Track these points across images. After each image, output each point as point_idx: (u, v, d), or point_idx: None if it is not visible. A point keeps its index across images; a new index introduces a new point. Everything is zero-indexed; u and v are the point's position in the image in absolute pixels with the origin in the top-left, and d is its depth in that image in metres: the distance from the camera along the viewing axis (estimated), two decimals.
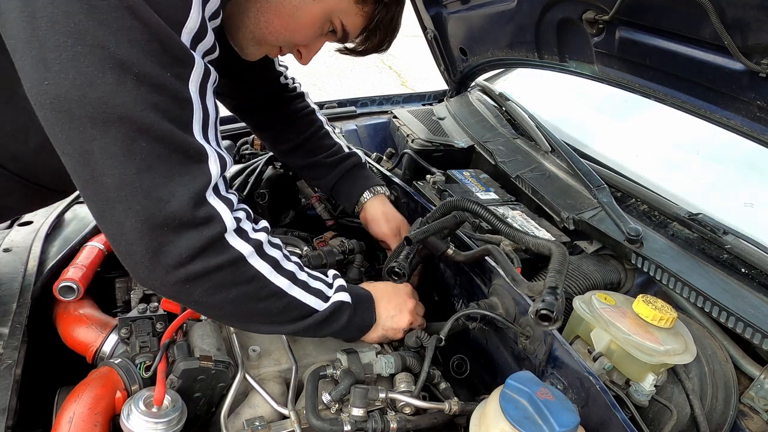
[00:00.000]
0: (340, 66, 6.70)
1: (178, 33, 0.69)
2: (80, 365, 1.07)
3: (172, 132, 0.70)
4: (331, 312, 0.98)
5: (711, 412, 1.11)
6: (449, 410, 0.99)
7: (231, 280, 0.81)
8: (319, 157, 1.46)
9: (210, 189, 0.76)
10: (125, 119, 0.67)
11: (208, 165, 0.76)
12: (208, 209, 0.76)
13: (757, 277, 1.20)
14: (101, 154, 0.68)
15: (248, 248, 0.82)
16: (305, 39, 1.01)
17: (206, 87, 0.76)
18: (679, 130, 1.78)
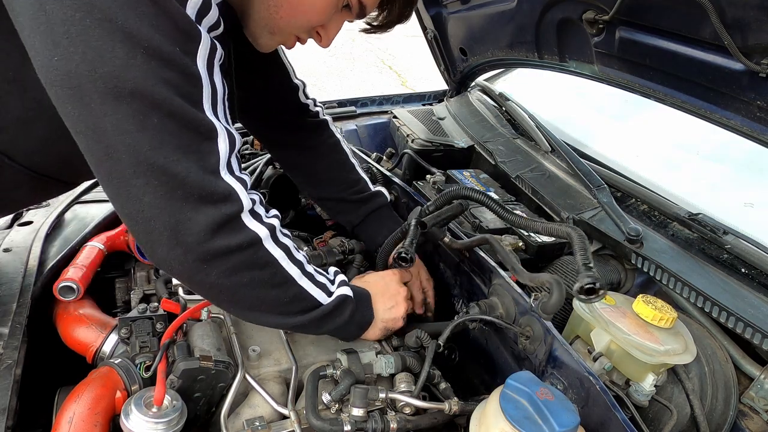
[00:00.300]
0: (340, 66, 6.70)
1: (184, 5, 0.69)
2: (80, 365, 1.07)
3: (183, 108, 0.70)
4: (334, 306, 0.98)
5: (711, 412, 1.11)
6: (449, 410, 0.99)
7: (247, 262, 0.81)
8: (342, 194, 1.40)
9: (223, 166, 0.76)
10: (137, 94, 0.66)
11: (217, 142, 0.75)
12: (225, 186, 0.75)
13: (757, 277, 1.20)
14: (114, 131, 0.67)
15: (264, 231, 0.82)
16: (319, 20, 0.95)
17: (213, 63, 0.75)
18: (679, 130, 1.79)
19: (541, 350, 1.03)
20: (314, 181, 1.44)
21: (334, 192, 1.41)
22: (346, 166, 1.42)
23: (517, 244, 1.38)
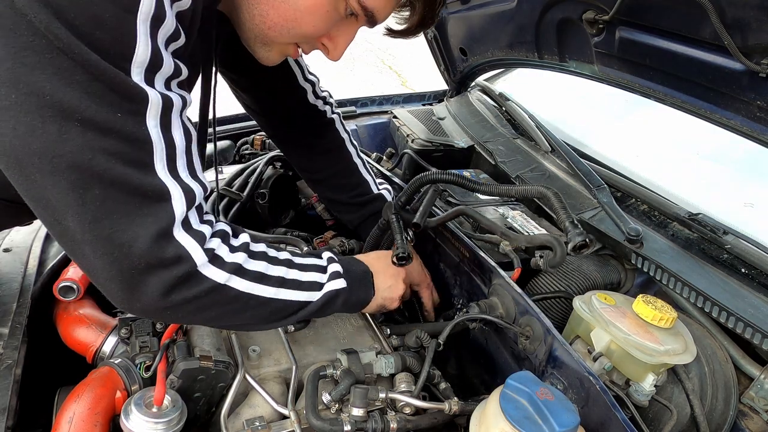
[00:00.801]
0: (340, 66, 6.70)
1: (126, 68, 0.64)
2: (80, 365, 1.07)
3: (126, 175, 0.67)
4: (324, 302, 0.96)
5: (711, 412, 1.11)
6: (449, 410, 0.99)
7: (213, 302, 0.81)
8: (344, 196, 1.41)
9: (177, 226, 0.73)
10: (74, 168, 0.64)
11: (171, 203, 0.72)
12: (175, 248, 0.73)
13: (757, 277, 1.20)
14: (58, 202, 0.66)
15: (225, 275, 0.80)
16: (315, 28, 0.87)
17: (170, 118, 0.72)
18: (679, 130, 1.79)
19: (541, 350, 1.03)
20: (317, 180, 1.45)
21: (335, 193, 1.43)
22: (349, 168, 1.41)
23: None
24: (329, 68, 1.77)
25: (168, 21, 0.67)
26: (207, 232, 0.79)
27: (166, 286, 0.74)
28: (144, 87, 0.67)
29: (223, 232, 0.84)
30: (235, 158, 1.96)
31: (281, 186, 1.69)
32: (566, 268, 1.37)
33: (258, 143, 1.94)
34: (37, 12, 0.57)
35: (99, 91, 0.63)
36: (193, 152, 0.78)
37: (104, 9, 0.60)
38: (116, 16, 0.61)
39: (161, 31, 0.67)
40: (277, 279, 0.89)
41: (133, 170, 0.68)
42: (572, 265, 1.38)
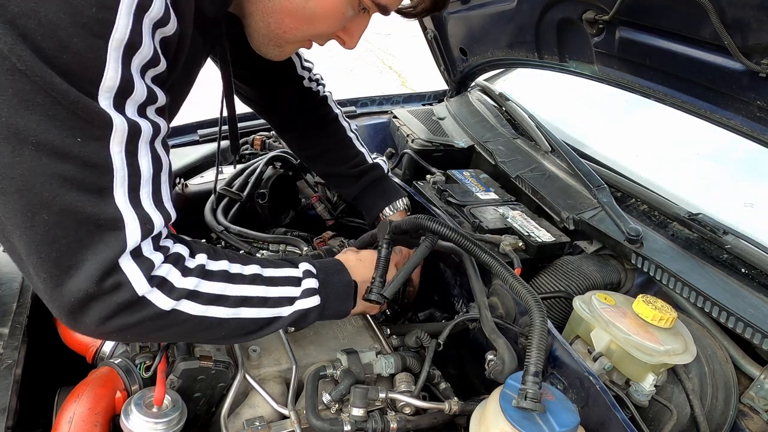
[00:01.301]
0: (340, 66, 6.69)
1: (93, 93, 0.63)
2: (80, 365, 1.07)
3: (78, 203, 0.66)
4: (295, 318, 0.93)
5: (711, 412, 1.11)
6: (449, 410, 0.99)
7: (160, 326, 0.79)
8: (341, 168, 1.43)
9: (126, 255, 0.72)
10: (23, 192, 0.63)
11: (124, 232, 0.70)
12: (117, 277, 0.71)
13: (757, 277, 1.20)
14: (6, 221, 0.66)
15: (171, 302, 0.77)
16: (330, 28, 0.90)
17: (137, 144, 0.70)
18: (679, 130, 1.79)
19: None
20: (314, 157, 1.48)
21: (333, 167, 1.45)
22: (344, 141, 1.45)
23: (516, 244, 1.38)
24: (329, 68, 1.78)
25: (144, 48, 0.66)
26: (157, 260, 0.76)
27: (105, 313, 0.72)
28: (109, 112, 0.65)
29: (177, 256, 0.80)
30: (235, 158, 1.96)
31: (281, 186, 1.69)
32: (566, 268, 1.37)
33: (258, 143, 1.94)
34: (2, 34, 0.57)
35: (60, 114, 0.62)
36: (162, 180, 0.76)
37: (73, 33, 0.59)
38: (85, 41, 0.60)
39: (136, 59, 0.66)
40: (237, 299, 0.85)
41: (88, 197, 0.67)
42: (572, 265, 1.38)
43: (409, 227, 1.11)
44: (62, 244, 0.67)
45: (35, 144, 0.62)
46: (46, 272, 0.68)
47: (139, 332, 0.78)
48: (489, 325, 1.02)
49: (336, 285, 1.00)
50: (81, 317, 0.72)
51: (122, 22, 0.62)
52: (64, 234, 0.67)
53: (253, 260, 0.91)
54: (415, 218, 1.10)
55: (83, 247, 0.68)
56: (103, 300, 0.71)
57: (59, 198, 0.65)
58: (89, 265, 0.69)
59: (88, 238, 0.68)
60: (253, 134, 1.99)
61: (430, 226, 1.06)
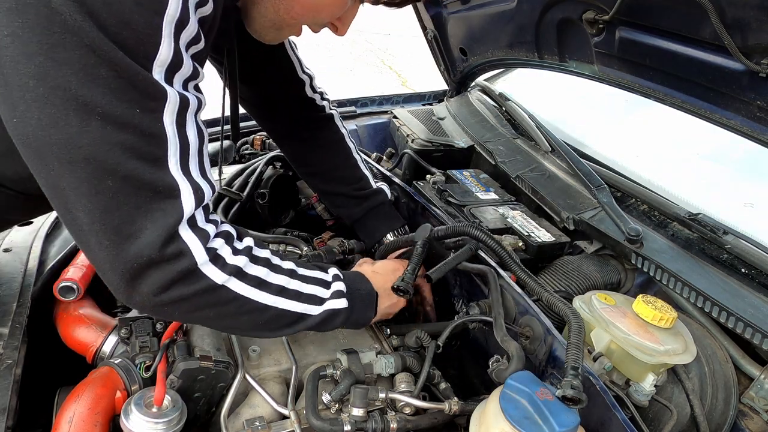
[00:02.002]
0: (340, 66, 6.70)
1: (148, 66, 0.68)
2: (80, 365, 1.07)
3: (139, 170, 0.70)
4: (323, 318, 0.96)
5: (711, 412, 1.11)
6: (449, 410, 0.99)
7: (209, 302, 0.82)
8: (344, 189, 1.42)
9: (183, 223, 0.75)
10: (90, 160, 0.67)
11: (180, 200, 0.74)
12: (179, 245, 0.75)
13: (757, 277, 1.20)
14: (71, 191, 0.69)
15: (224, 276, 0.81)
16: (332, 16, 0.95)
17: (185, 117, 0.74)
18: (679, 130, 1.79)
19: (541, 350, 1.03)
20: (317, 174, 1.46)
21: (335, 187, 1.43)
22: (349, 162, 1.43)
23: (517, 244, 1.38)
24: (329, 68, 1.78)
25: (191, 25, 0.71)
26: (211, 232, 0.80)
27: (164, 281, 0.75)
28: (164, 85, 0.69)
29: (227, 234, 0.85)
30: (234, 158, 1.96)
31: (281, 186, 1.69)
32: (566, 268, 1.37)
33: (258, 143, 1.94)
34: (72, 11, 0.60)
35: (121, 86, 0.66)
36: (204, 153, 0.80)
37: (134, 11, 0.63)
38: (144, 18, 0.64)
39: (184, 34, 0.70)
40: (277, 287, 0.90)
41: (147, 165, 0.70)
42: (572, 265, 1.38)
43: (451, 233, 1.18)
44: (124, 211, 0.70)
45: (101, 114, 0.65)
46: (108, 239, 0.71)
47: (190, 307, 0.80)
48: (502, 330, 1.04)
49: (361, 292, 1.05)
50: (139, 285, 0.74)
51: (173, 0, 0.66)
52: (126, 201, 0.70)
53: (288, 257, 0.96)
54: (458, 225, 1.17)
55: (144, 213, 0.72)
56: (163, 267, 0.74)
57: (123, 165, 0.68)
58: (150, 231, 0.72)
59: (148, 205, 0.72)
60: (253, 134, 1.99)
61: (474, 233, 1.15)
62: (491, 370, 1.01)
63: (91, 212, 0.69)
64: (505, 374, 0.96)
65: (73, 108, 0.64)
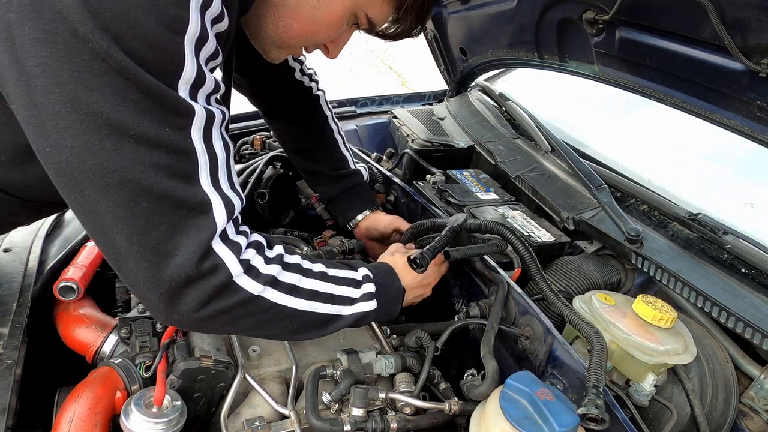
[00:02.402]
0: (339, 66, 6.70)
1: (174, 85, 0.69)
2: (80, 365, 1.07)
3: (173, 188, 0.71)
4: (355, 320, 0.98)
5: (711, 412, 1.11)
6: (449, 410, 0.99)
7: (246, 313, 0.83)
8: (323, 168, 1.47)
9: (216, 237, 0.77)
10: (125, 182, 0.68)
11: (212, 214, 0.76)
12: (213, 260, 0.76)
13: (757, 277, 1.20)
14: (107, 215, 0.70)
15: (259, 287, 0.83)
16: (328, 38, 0.98)
17: (211, 131, 0.76)
18: (679, 130, 1.79)
19: (541, 350, 1.03)
20: (299, 152, 1.51)
21: (315, 166, 1.49)
22: (330, 142, 1.49)
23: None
24: (329, 68, 1.78)
25: (210, 42, 0.72)
26: (243, 243, 0.81)
27: (203, 297, 0.76)
28: (190, 102, 0.71)
29: (258, 243, 0.86)
30: (234, 158, 1.96)
31: (281, 186, 1.69)
32: (566, 268, 1.37)
33: (258, 143, 1.94)
34: (98, 38, 0.61)
35: (150, 107, 0.67)
36: (231, 165, 0.81)
37: (157, 32, 0.65)
38: (167, 39, 0.66)
39: (204, 51, 0.72)
40: (310, 291, 0.91)
41: (180, 182, 0.72)
42: (572, 265, 1.38)
43: (483, 228, 1.19)
44: (161, 230, 0.72)
45: (133, 136, 0.67)
46: (146, 260, 0.72)
47: (228, 319, 0.81)
48: (488, 346, 1.03)
49: (390, 290, 1.06)
50: (178, 304, 0.76)
51: (193, 18, 0.67)
52: (161, 220, 0.71)
53: (317, 260, 0.98)
54: (493, 222, 1.18)
55: (180, 231, 0.73)
56: (201, 284, 0.76)
57: (157, 185, 0.69)
58: (186, 249, 0.73)
59: (183, 222, 0.73)
60: (253, 134, 1.99)
61: (507, 234, 1.15)
62: (463, 383, 1.01)
63: (129, 235, 0.70)
64: (476, 392, 0.96)
65: (106, 132, 0.65)
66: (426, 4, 0.99)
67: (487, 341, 1.04)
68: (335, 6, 0.90)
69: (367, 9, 0.93)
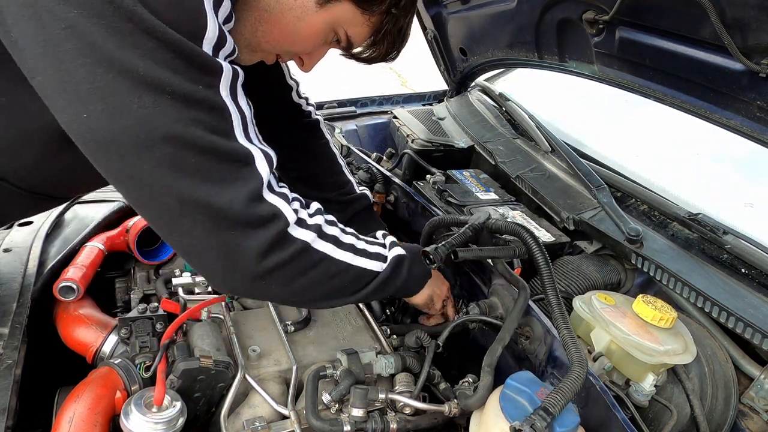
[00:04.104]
0: (339, 66, 6.68)
1: (200, 44, 0.70)
2: (80, 365, 1.07)
3: (216, 142, 0.71)
4: (392, 269, 1.00)
5: (711, 412, 1.11)
6: (449, 412, 0.99)
7: (302, 267, 0.84)
8: (331, 194, 1.45)
9: (264, 188, 0.78)
10: (168, 138, 0.68)
11: (256, 166, 0.77)
12: (269, 207, 0.78)
13: (757, 277, 1.20)
14: (153, 177, 0.69)
15: (311, 235, 0.85)
16: (305, 50, 0.99)
17: (236, 88, 0.76)
18: (679, 130, 1.79)
19: (541, 350, 1.03)
20: (303, 179, 1.48)
21: (321, 192, 1.45)
22: (334, 167, 1.46)
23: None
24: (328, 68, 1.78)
25: (225, 2, 0.73)
26: (288, 194, 0.83)
27: (264, 246, 0.77)
28: (217, 59, 0.72)
29: (299, 199, 0.88)
30: None
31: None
32: (566, 268, 1.37)
33: None
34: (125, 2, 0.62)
35: (181, 66, 0.67)
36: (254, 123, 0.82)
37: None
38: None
39: (221, 11, 0.73)
40: (349, 246, 0.94)
41: (220, 137, 0.72)
42: (572, 265, 1.38)
43: (506, 230, 1.17)
44: (209, 186, 0.72)
45: (170, 93, 0.67)
46: (201, 216, 0.73)
47: (286, 275, 0.82)
48: (492, 358, 1.00)
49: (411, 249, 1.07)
50: (238, 260, 0.77)
51: None
52: (210, 175, 0.72)
53: None
54: (516, 225, 1.16)
55: (229, 184, 0.74)
56: (259, 234, 0.77)
57: (200, 139, 0.70)
58: (239, 201, 0.74)
59: (231, 175, 0.74)
60: None
61: (529, 241, 1.12)
62: (457, 388, 1.01)
63: (179, 192, 0.70)
64: (465, 402, 0.96)
65: (143, 89, 0.65)
66: (403, 31, 1.01)
67: (492, 352, 1.00)
68: (317, 19, 0.91)
69: (347, 27, 0.95)
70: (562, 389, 0.83)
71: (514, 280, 1.14)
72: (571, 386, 0.84)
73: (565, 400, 0.82)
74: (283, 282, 0.83)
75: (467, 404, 0.95)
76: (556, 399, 0.82)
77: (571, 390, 0.84)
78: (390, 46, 1.02)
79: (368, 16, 0.94)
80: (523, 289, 1.10)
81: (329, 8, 0.90)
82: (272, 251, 0.78)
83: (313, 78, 1.43)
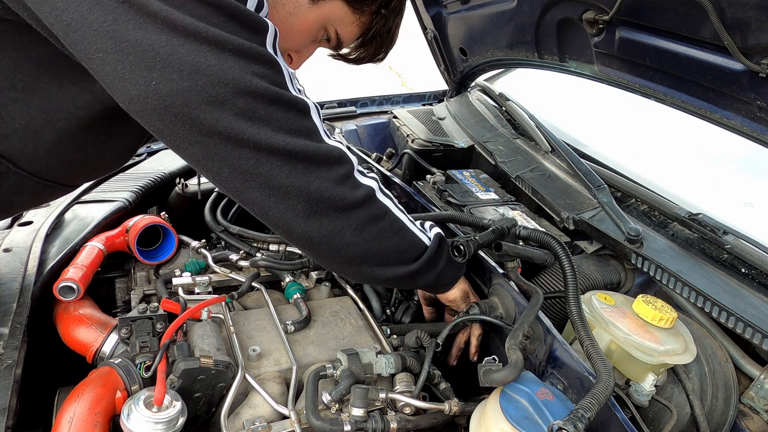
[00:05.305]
0: (339, 65, 6.68)
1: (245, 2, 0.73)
2: (80, 365, 1.07)
3: (279, 93, 0.75)
4: (437, 245, 1.02)
5: (711, 412, 1.11)
6: (449, 411, 0.99)
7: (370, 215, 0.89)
8: None
9: (323, 133, 0.83)
10: (239, 93, 0.71)
11: (311, 115, 0.81)
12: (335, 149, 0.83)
13: (757, 277, 1.20)
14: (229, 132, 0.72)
15: (374, 183, 0.90)
16: (296, 45, 1.01)
17: (276, 45, 0.79)
18: (680, 129, 1.79)
19: (541, 350, 1.03)
20: None
21: None
22: None
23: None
24: (329, 68, 1.78)
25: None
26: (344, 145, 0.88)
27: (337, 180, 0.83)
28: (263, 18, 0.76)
29: None
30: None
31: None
32: None
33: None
34: None
35: (235, 28, 0.71)
36: None
37: None
38: None
39: None
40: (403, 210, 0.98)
41: (282, 89, 0.77)
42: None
43: (533, 238, 1.18)
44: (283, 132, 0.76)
45: (232, 50, 0.70)
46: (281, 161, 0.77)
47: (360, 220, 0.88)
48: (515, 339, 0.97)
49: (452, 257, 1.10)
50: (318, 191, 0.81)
51: None
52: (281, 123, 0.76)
53: None
54: (545, 234, 1.16)
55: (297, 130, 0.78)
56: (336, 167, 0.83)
57: (266, 91, 0.74)
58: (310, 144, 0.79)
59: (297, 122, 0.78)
60: None
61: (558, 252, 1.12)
62: (481, 366, 0.95)
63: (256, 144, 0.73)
64: (493, 377, 0.91)
65: (208, 49, 0.68)
66: (392, 33, 1.03)
67: (514, 336, 0.98)
68: (309, 16, 0.94)
69: (337, 26, 0.97)
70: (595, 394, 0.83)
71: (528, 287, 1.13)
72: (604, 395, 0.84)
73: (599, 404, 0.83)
74: (355, 229, 0.87)
75: (496, 378, 0.90)
76: (591, 403, 0.82)
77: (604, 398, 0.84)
78: (378, 47, 1.05)
79: (358, 16, 0.97)
80: (536, 294, 1.09)
81: (321, 5, 0.93)
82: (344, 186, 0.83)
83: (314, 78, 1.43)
